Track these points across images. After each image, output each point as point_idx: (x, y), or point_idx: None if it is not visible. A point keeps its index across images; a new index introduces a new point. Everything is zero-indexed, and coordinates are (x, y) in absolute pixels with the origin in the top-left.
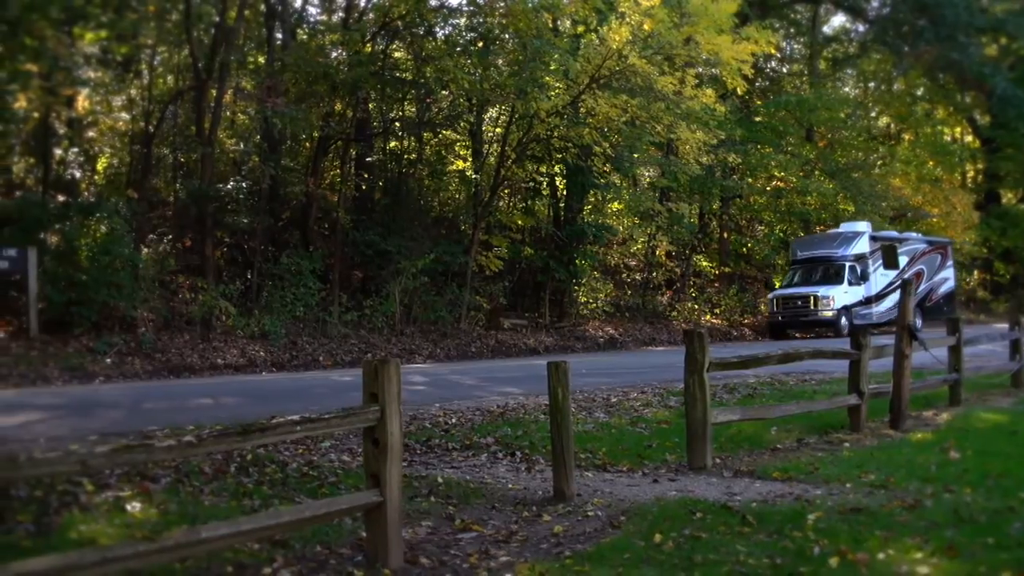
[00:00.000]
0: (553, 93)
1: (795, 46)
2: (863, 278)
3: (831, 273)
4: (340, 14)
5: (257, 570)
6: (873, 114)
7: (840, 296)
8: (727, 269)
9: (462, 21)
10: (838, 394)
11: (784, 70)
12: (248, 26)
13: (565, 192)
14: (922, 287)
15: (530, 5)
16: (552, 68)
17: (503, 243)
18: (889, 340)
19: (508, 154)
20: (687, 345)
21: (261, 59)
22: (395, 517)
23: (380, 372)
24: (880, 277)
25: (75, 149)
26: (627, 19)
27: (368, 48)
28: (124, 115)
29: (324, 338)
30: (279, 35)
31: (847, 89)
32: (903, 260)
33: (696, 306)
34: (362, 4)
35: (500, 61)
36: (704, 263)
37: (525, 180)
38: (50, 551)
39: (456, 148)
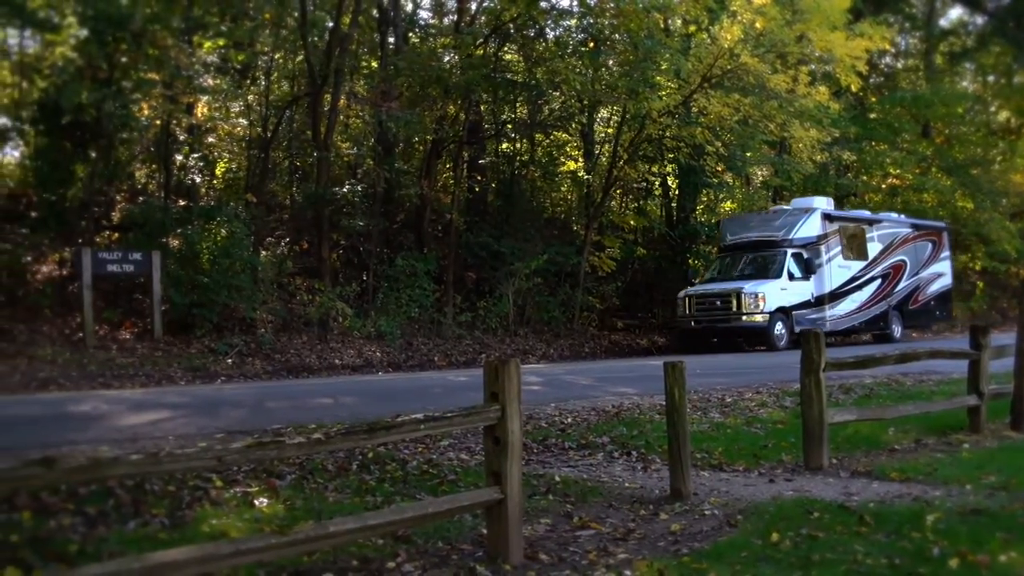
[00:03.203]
0: (664, 93)
1: (910, 40)
2: (810, 270)
3: (766, 263)
4: (451, 17)
5: (381, 564)
6: (992, 109)
7: (774, 294)
8: None
9: (572, 22)
10: (956, 395)
11: (899, 65)
12: (361, 31)
13: (677, 192)
14: (902, 284)
15: (641, 5)
16: (663, 68)
17: (615, 243)
18: (1010, 339)
19: (620, 154)
20: (803, 345)
21: (374, 64)
22: (515, 514)
23: (500, 372)
24: (838, 270)
25: (195, 155)
26: (738, 18)
27: (480, 51)
28: (242, 121)
29: (439, 339)
30: (391, 39)
31: (965, 83)
32: (874, 248)
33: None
34: (473, 8)
35: (611, 62)
36: None
37: (637, 180)
38: (184, 543)
39: (568, 149)
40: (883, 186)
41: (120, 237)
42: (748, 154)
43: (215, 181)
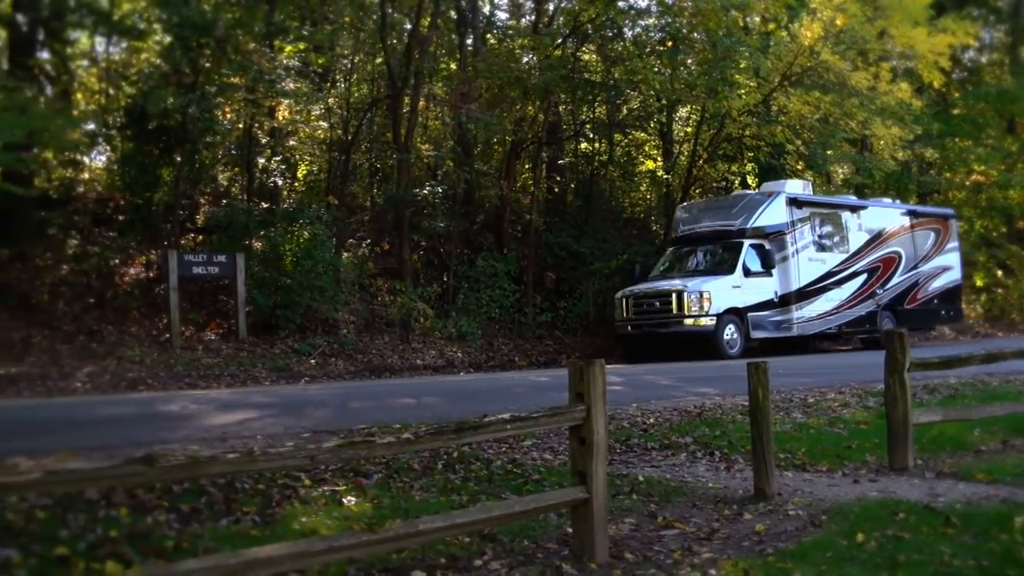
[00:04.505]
0: (744, 91)
1: (995, 34)
2: (770, 264)
3: (720, 257)
4: (529, 18)
5: (468, 562)
6: None
7: (723, 293)
8: None
9: (651, 21)
10: None
11: (983, 60)
12: (440, 33)
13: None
14: (895, 280)
15: (719, 4)
16: (742, 66)
17: None
18: None
19: (699, 153)
20: (887, 346)
21: (453, 65)
22: (601, 513)
23: (586, 372)
24: (808, 264)
25: (277, 158)
26: (818, 15)
27: (558, 52)
28: (323, 124)
29: (519, 339)
30: (470, 41)
31: None
32: (858, 238)
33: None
34: (551, 8)
35: (689, 60)
36: None
37: (717, 179)
38: (275, 540)
39: (646, 148)
40: (967, 183)
41: (204, 239)
42: (829, 152)
43: (297, 183)
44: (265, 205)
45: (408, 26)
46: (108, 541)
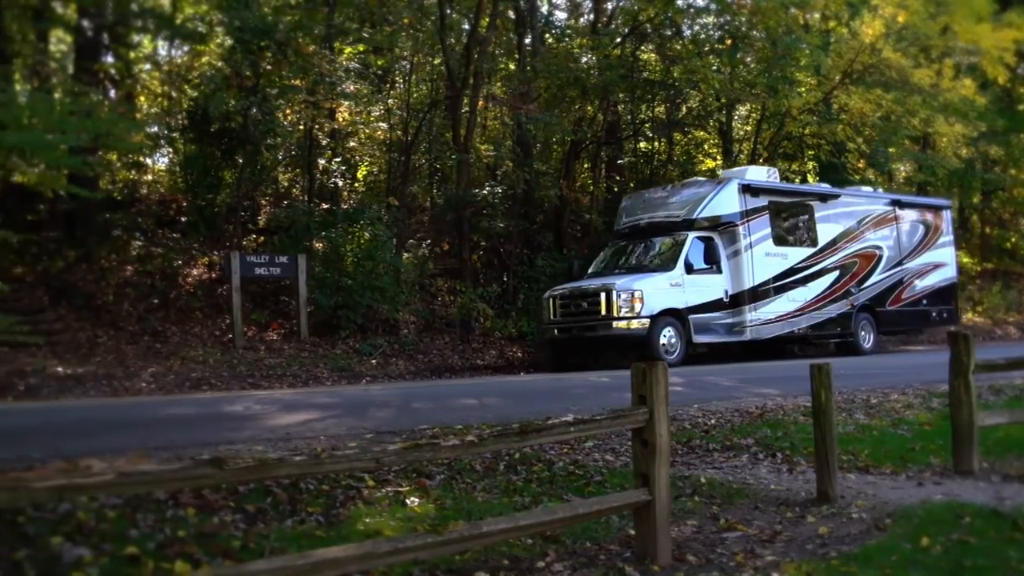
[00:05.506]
0: (804, 89)
1: None
2: (715, 260)
3: (660, 252)
4: (588, 17)
5: (531, 563)
6: None
7: (659, 292)
8: (989, 265)
9: (709, 20)
10: None
11: None
12: (498, 33)
13: None
14: (875, 278)
15: (778, 2)
16: (802, 64)
17: None
18: None
19: (760, 152)
20: (951, 347)
21: (512, 66)
22: (663, 516)
23: (648, 375)
24: (765, 259)
25: (337, 159)
26: (879, 12)
27: (617, 52)
28: (382, 125)
29: None
30: (528, 41)
31: None
32: (829, 231)
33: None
34: (609, 8)
35: (749, 59)
36: (965, 259)
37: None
38: (340, 541)
39: (706, 147)
40: None
41: (266, 240)
42: (891, 150)
43: (357, 184)
44: (326, 206)
45: (467, 26)
46: (176, 541)
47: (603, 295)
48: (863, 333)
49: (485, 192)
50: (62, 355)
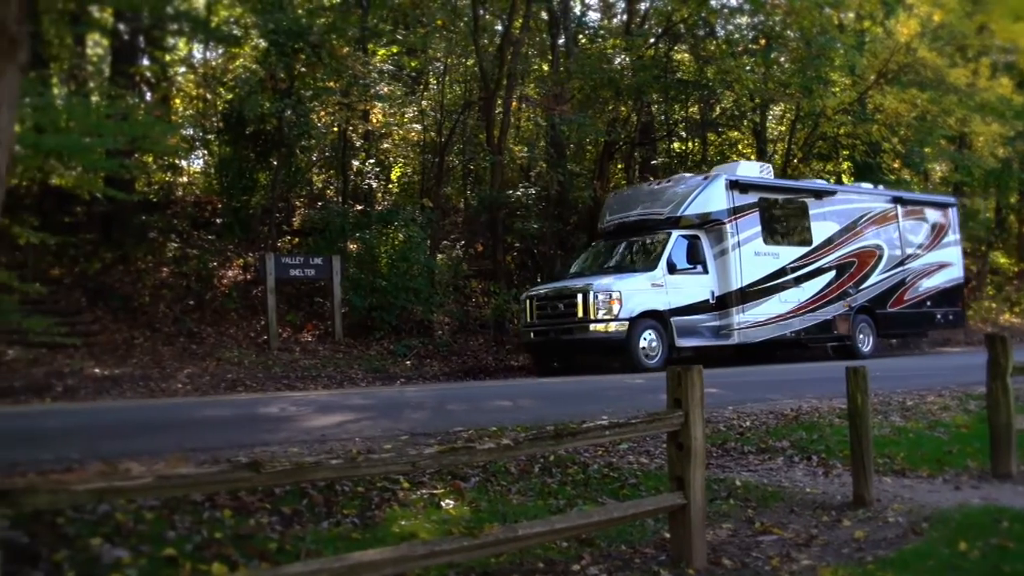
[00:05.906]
0: (838, 89)
1: None
2: (701, 260)
3: (641, 251)
4: (621, 18)
5: (566, 567)
6: None
7: (639, 293)
8: None
9: (743, 20)
10: None
11: None
12: (531, 34)
13: None
14: (874, 278)
15: (813, 1)
16: (837, 64)
17: None
18: None
19: (794, 152)
20: (989, 349)
21: (545, 67)
22: (699, 519)
23: (684, 378)
24: (755, 258)
25: (371, 160)
26: (915, 11)
27: (650, 52)
28: (416, 126)
29: None
30: (561, 42)
31: None
32: (824, 229)
33: (994, 305)
34: (642, 8)
35: (783, 59)
36: (1002, 260)
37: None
38: (376, 543)
39: (740, 147)
40: None
41: (300, 242)
42: (927, 150)
43: (391, 186)
44: (360, 207)
45: (500, 28)
46: (213, 542)
47: (580, 296)
48: (861, 336)
49: (519, 193)
50: (99, 356)
